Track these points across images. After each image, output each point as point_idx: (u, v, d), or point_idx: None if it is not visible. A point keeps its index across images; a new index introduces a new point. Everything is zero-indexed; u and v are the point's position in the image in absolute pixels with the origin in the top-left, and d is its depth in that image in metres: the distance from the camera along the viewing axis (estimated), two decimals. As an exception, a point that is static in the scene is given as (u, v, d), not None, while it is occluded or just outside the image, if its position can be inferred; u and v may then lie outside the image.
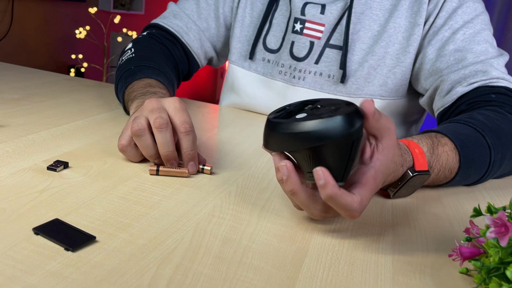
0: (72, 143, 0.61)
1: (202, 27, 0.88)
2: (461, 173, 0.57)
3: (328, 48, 0.80)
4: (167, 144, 0.53)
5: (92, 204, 0.45)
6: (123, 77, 0.74)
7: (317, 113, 0.40)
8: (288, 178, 0.41)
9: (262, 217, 0.46)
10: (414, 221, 0.50)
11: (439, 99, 0.73)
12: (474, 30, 0.72)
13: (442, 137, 0.58)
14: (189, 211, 0.46)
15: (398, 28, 0.77)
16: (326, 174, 0.39)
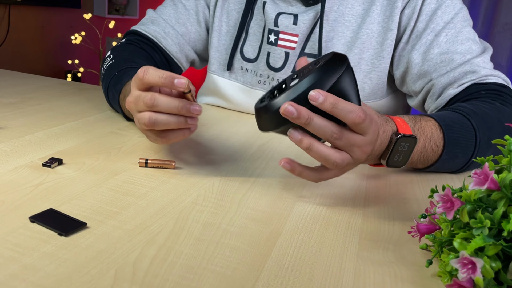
0: (66, 142, 0.65)
1: (181, 31, 0.90)
2: (447, 151, 0.60)
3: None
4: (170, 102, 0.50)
5: (84, 195, 0.49)
6: (110, 85, 0.76)
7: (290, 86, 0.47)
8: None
9: (243, 204, 0.50)
10: (384, 203, 0.54)
11: (431, 101, 0.76)
12: (455, 30, 0.74)
13: (426, 116, 0.63)
14: (174, 200, 0.49)
15: (371, 34, 0.79)
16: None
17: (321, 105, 0.44)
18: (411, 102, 0.82)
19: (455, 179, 0.64)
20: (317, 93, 0.44)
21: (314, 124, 0.45)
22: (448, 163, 0.63)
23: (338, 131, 0.46)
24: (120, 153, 0.63)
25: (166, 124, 0.51)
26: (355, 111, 0.46)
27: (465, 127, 0.62)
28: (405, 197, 0.56)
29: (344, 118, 0.46)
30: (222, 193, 0.53)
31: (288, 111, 0.44)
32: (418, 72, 0.76)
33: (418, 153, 0.59)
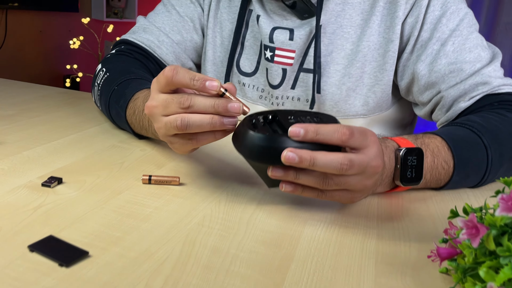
0: (66, 158, 0.63)
1: (176, 39, 0.84)
2: (458, 172, 0.58)
3: (303, 73, 0.79)
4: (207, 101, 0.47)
5: (85, 218, 0.46)
6: (112, 102, 0.71)
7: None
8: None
9: (251, 224, 0.48)
10: (398, 222, 0.52)
11: (441, 114, 0.73)
12: (462, 37, 0.71)
13: (430, 134, 0.60)
14: (180, 222, 0.47)
15: (372, 46, 0.75)
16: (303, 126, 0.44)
17: (304, 138, 0.44)
18: (418, 111, 0.80)
19: (469, 193, 0.61)
20: (296, 127, 0.44)
21: (319, 163, 0.43)
22: (461, 183, 0.61)
23: (347, 161, 0.44)
24: (122, 169, 0.61)
25: (199, 125, 0.47)
26: (337, 130, 0.44)
27: (475, 144, 0.59)
28: (420, 214, 0.54)
29: (331, 141, 0.44)
30: (229, 212, 0.50)
31: (289, 158, 0.43)
32: (425, 83, 0.74)
33: (429, 169, 0.57)
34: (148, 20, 0.86)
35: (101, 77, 0.76)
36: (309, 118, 0.48)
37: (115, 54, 0.83)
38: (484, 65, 0.70)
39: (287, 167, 0.45)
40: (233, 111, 0.47)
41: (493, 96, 0.68)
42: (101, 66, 0.79)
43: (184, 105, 0.47)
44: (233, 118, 0.48)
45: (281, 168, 0.45)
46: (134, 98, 0.68)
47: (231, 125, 0.48)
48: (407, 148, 0.53)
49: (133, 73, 0.73)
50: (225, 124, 0.47)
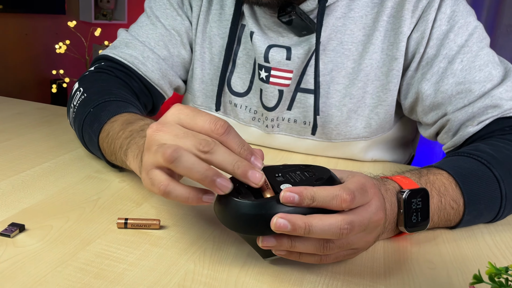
0: (34, 194, 0.56)
1: (162, 55, 0.76)
2: (469, 211, 0.52)
3: (300, 93, 0.73)
4: (230, 157, 0.39)
5: (46, 282, 0.40)
6: (85, 125, 0.63)
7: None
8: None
9: (240, 283, 0.42)
10: (408, 273, 0.45)
11: (447, 137, 0.68)
12: (471, 54, 0.65)
13: (435, 169, 0.54)
14: (157, 283, 0.41)
15: (375, 64, 0.69)
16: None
17: (299, 204, 0.38)
18: (423, 131, 0.73)
19: (483, 230, 0.55)
20: (289, 193, 0.38)
21: (316, 230, 0.37)
22: (474, 222, 0.55)
23: (347, 224, 0.38)
24: (96, 208, 0.54)
25: (189, 168, 0.38)
26: (336, 195, 0.38)
27: (486, 178, 0.53)
28: (430, 260, 0.48)
29: (329, 207, 0.38)
30: (215, 267, 0.44)
31: (280, 225, 0.37)
32: (431, 104, 0.67)
33: (437, 211, 0.51)
34: (131, 34, 0.78)
35: (77, 97, 0.67)
36: (300, 174, 0.42)
37: (93, 71, 0.75)
38: (495, 85, 0.64)
39: (280, 235, 0.39)
40: (252, 180, 0.39)
41: (504, 120, 0.62)
42: (78, 85, 0.70)
43: (203, 147, 0.38)
44: (212, 196, 0.41)
45: (273, 236, 0.39)
46: (111, 121, 0.60)
47: (224, 188, 0.39)
48: (410, 190, 0.47)
49: (113, 94, 0.65)
50: (216, 184, 0.39)
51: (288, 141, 0.77)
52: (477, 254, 0.50)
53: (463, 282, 0.44)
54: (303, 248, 0.39)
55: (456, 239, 0.53)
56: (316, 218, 0.37)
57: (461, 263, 0.48)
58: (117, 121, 0.59)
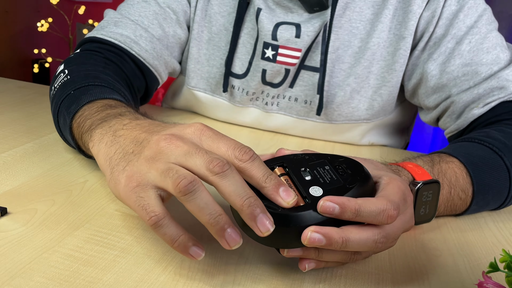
0: (16, 176, 0.52)
1: (157, 34, 0.70)
2: (477, 201, 0.50)
3: (304, 70, 0.70)
4: (243, 190, 0.34)
5: (30, 270, 0.37)
6: (62, 107, 0.54)
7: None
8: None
9: (240, 270, 0.39)
10: (414, 260, 0.44)
11: (450, 121, 0.65)
12: (480, 35, 0.63)
13: (447, 156, 0.52)
14: (151, 271, 0.38)
15: (382, 44, 0.67)
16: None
17: (339, 216, 0.34)
18: (424, 117, 0.71)
19: (487, 218, 0.54)
20: (330, 203, 0.34)
21: (352, 245, 0.35)
22: (478, 210, 0.53)
23: (382, 238, 0.36)
24: (84, 191, 0.51)
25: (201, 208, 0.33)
26: (383, 211, 0.35)
27: (496, 167, 0.51)
28: (436, 248, 0.46)
29: (372, 222, 0.35)
30: (213, 254, 0.41)
31: (314, 240, 0.33)
32: (435, 85, 0.65)
33: (444, 202, 0.49)
34: (120, 13, 0.71)
35: (60, 80, 0.59)
36: (329, 170, 0.38)
37: (80, 53, 0.66)
38: (502, 68, 0.62)
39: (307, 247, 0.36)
40: (260, 228, 0.33)
41: (511, 103, 0.61)
42: (62, 67, 0.62)
43: (214, 167, 0.33)
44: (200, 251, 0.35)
45: (300, 248, 0.36)
46: (90, 105, 0.51)
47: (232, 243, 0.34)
48: (423, 182, 0.45)
49: (98, 78, 0.57)
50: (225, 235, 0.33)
51: (286, 121, 0.74)
52: (482, 241, 0.49)
53: (470, 269, 0.43)
54: (330, 258, 0.37)
55: (460, 226, 0.51)
56: (353, 232, 0.35)
57: (467, 250, 0.46)
58: (96, 103, 0.51)
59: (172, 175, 0.34)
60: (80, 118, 0.50)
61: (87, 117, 0.49)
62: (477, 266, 0.43)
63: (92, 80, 0.56)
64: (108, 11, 0.73)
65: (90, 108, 0.50)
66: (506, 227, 0.52)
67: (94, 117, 0.48)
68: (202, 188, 0.34)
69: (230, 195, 0.34)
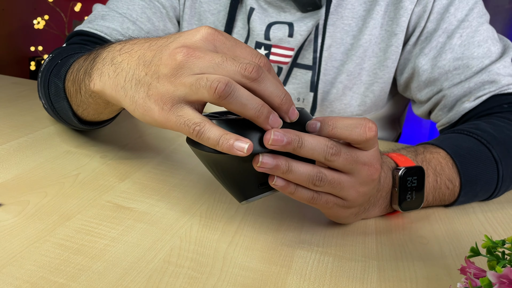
0: (9, 169, 0.53)
1: (146, 28, 0.69)
2: (465, 192, 0.51)
3: (296, 68, 0.70)
4: (279, 89, 0.36)
5: (22, 258, 0.37)
6: (52, 77, 0.53)
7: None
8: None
9: (228, 259, 0.40)
10: (401, 248, 0.44)
11: (441, 114, 0.66)
12: (471, 29, 0.63)
13: (433, 147, 0.53)
14: (141, 259, 0.39)
15: (373, 40, 0.67)
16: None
17: (320, 132, 0.37)
18: (416, 110, 0.72)
19: (476, 208, 0.54)
20: (313, 120, 0.37)
21: (307, 145, 0.36)
22: (467, 202, 0.54)
23: (333, 145, 0.37)
24: (76, 184, 0.51)
25: (243, 102, 0.34)
26: (361, 124, 0.37)
27: (484, 159, 0.52)
28: (423, 236, 0.47)
29: (348, 137, 0.37)
30: (202, 243, 0.42)
31: (276, 138, 0.35)
32: (427, 79, 0.66)
33: (431, 190, 0.50)
34: (108, 7, 0.71)
35: (45, 62, 0.59)
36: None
37: (67, 45, 0.67)
38: (493, 61, 0.62)
39: (277, 156, 0.36)
40: (291, 116, 0.37)
41: (502, 96, 0.61)
42: (49, 55, 0.62)
43: (250, 73, 0.34)
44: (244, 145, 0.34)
45: (271, 156, 0.36)
46: (78, 59, 0.50)
47: (276, 125, 0.36)
48: (406, 167, 0.46)
49: (87, 50, 0.56)
50: (269, 121, 0.35)
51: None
52: (469, 230, 0.49)
53: (456, 256, 0.44)
54: (298, 174, 0.37)
55: (448, 215, 0.52)
56: (307, 135, 0.36)
57: (454, 238, 0.47)
58: (86, 59, 0.48)
59: (205, 83, 0.34)
60: (72, 75, 0.49)
61: (79, 68, 0.48)
62: (463, 254, 0.44)
63: (78, 50, 0.56)
64: (97, 6, 0.73)
65: (78, 61, 0.49)
66: (495, 216, 0.53)
67: (85, 63, 0.47)
68: (238, 86, 0.34)
69: (270, 97, 0.35)
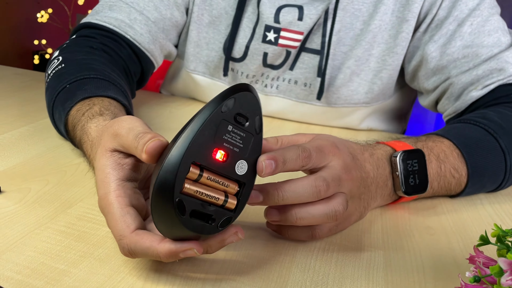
0: (10, 157, 0.52)
1: (153, 17, 0.69)
2: (473, 183, 0.50)
3: (305, 53, 0.69)
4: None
5: (22, 244, 0.37)
6: (57, 101, 0.54)
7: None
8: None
9: (232, 246, 0.39)
10: (407, 238, 0.44)
11: (448, 103, 0.65)
12: (482, 18, 0.62)
13: (437, 137, 0.52)
14: (143, 247, 0.38)
15: (383, 26, 0.66)
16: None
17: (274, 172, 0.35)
18: (422, 101, 0.71)
19: (483, 199, 0.54)
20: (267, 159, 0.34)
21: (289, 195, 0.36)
22: (475, 193, 0.53)
23: (321, 180, 0.37)
24: (78, 172, 0.51)
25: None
26: (299, 155, 0.36)
27: (491, 149, 0.51)
28: (430, 226, 0.46)
29: (293, 168, 0.37)
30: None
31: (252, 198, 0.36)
32: (435, 67, 0.65)
33: (436, 177, 0.48)
34: None
35: (54, 66, 0.59)
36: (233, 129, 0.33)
37: (75, 38, 0.66)
38: (502, 50, 0.61)
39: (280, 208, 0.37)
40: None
41: (510, 86, 0.60)
42: (57, 53, 0.61)
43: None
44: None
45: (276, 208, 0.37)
46: (85, 102, 0.50)
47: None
48: (403, 151, 0.45)
49: (93, 70, 0.56)
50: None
51: (284, 105, 0.74)
52: (477, 221, 0.48)
53: (464, 247, 0.43)
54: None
55: (455, 207, 0.51)
56: (287, 183, 0.36)
57: (461, 230, 0.46)
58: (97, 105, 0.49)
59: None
60: (78, 113, 0.49)
61: (80, 118, 0.49)
62: (470, 245, 0.43)
63: (87, 73, 0.54)
64: None
65: (84, 105, 0.50)
66: (502, 208, 0.52)
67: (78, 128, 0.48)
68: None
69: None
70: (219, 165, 0.32)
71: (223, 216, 0.32)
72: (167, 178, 0.29)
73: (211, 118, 0.31)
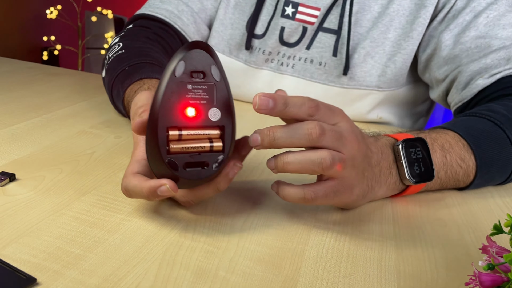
0: (24, 147, 0.53)
1: (196, 8, 0.76)
2: (482, 174, 0.50)
3: (322, 32, 0.71)
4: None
5: (38, 230, 0.37)
6: (117, 80, 0.60)
7: None
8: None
9: (244, 236, 0.40)
10: (419, 231, 0.44)
11: (456, 92, 0.65)
12: (498, 12, 0.63)
13: (442, 129, 0.51)
14: (156, 234, 0.39)
15: (401, 11, 0.68)
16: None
17: (272, 111, 0.36)
18: (433, 94, 0.71)
19: (493, 192, 0.53)
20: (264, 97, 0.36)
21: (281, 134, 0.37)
22: (484, 185, 0.53)
23: (315, 125, 0.37)
24: (91, 161, 0.51)
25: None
26: (304, 103, 0.37)
27: (499, 140, 0.51)
28: (441, 219, 0.46)
29: (297, 115, 0.37)
30: (217, 219, 0.42)
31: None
32: (447, 56, 0.65)
33: (442, 166, 0.48)
34: None
35: (115, 51, 0.66)
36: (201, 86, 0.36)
37: (133, 28, 0.73)
38: None
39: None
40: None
41: None
42: (118, 39, 0.69)
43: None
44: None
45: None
46: (142, 81, 0.56)
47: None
48: (404, 139, 0.45)
49: (149, 56, 0.63)
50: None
51: (297, 85, 0.75)
52: (487, 213, 0.48)
53: (475, 238, 0.43)
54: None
55: (466, 200, 0.51)
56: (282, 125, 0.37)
57: (472, 222, 0.46)
58: (145, 84, 0.55)
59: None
60: (131, 91, 0.55)
61: (133, 96, 0.53)
62: (482, 236, 0.43)
63: (144, 58, 0.61)
64: None
65: (137, 85, 0.56)
66: (509, 195, 0.52)
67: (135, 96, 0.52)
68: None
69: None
70: (193, 120, 0.36)
71: (215, 157, 0.36)
72: (152, 146, 0.35)
73: (168, 85, 0.34)
